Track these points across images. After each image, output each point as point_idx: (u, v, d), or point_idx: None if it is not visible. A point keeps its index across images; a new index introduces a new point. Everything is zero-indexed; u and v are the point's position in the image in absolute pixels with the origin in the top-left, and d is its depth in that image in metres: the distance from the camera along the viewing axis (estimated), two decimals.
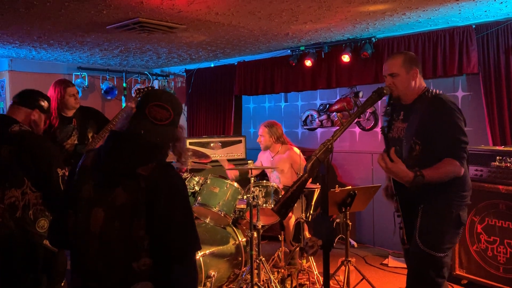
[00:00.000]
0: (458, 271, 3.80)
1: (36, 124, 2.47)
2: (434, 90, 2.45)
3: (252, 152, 5.48)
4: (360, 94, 5.16)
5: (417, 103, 2.44)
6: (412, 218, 2.40)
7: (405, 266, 4.28)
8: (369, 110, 5.19)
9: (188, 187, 3.81)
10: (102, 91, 6.39)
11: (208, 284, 3.50)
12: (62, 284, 2.44)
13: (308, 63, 5.02)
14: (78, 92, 3.75)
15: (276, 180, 4.44)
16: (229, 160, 5.46)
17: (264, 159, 4.64)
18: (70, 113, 3.66)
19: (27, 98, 2.49)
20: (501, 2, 3.46)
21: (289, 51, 5.30)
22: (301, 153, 4.42)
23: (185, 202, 1.61)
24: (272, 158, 4.50)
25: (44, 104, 2.52)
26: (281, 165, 4.38)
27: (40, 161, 2.31)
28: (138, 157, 1.58)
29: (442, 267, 2.30)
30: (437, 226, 2.31)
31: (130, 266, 1.53)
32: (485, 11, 3.73)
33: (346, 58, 4.75)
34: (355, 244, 5.25)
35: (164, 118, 1.63)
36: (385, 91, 2.39)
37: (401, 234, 2.50)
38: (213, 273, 3.51)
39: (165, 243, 1.54)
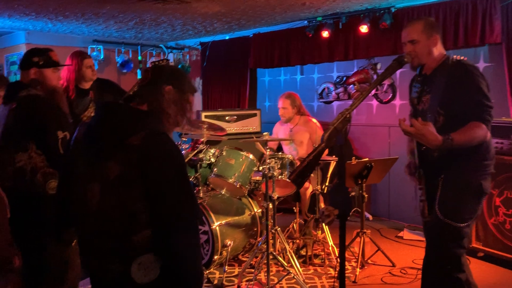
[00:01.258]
0: (474, 244, 3.79)
1: (39, 82, 2.45)
2: (454, 57, 2.37)
3: (267, 126, 5.46)
4: (378, 66, 5.06)
5: (437, 72, 2.37)
6: (434, 189, 2.36)
7: (420, 238, 4.30)
8: (386, 82, 5.10)
9: (204, 158, 3.84)
10: (118, 64, 6.39)
11: (224, 253, 3.57)
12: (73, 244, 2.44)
13: (325, 34, 4.93)
14: (94, 64, 3.75)
15: (294, 152, 4.43)
16: (244, 133, 5.48)
17: (281, 132, 4.61)
18: (87, 85, 3.66)
19: (22, 61, 2.51)
20: None
21: (306, 22, 5.20)
22: (320, 125, 4.41)
23: (180, 169, 1.56)
24: (290, 130, 4.46)
25: (39, 59, 2.48)
26: (299, 136, 4.36)
27: (39, 124, 2.34)
28: (126, 125, 1.55)
29: (462, 237, 2.26)
30: (457, 195, 2.27)
31: (130, 240, 1.50)
32: None
33: (364, 28, 4.64)
34: (370, 217, 5.26)
35: (144, 78, 1.66)
36: (405, 59, 2.32)
37: (422, 206, 2.45)
38: (229, 242, 3.57)
39: (163, 211, 1.50)
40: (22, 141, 2.34)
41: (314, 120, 4.45)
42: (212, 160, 3.84)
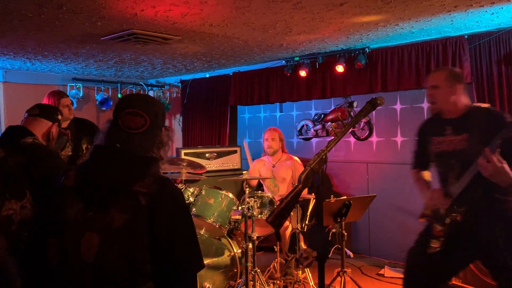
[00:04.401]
0: None
1: (53, 137, 2.43)
2: (480, 104, 2.60)
3: (247, 162, 5.47)
4: (355, 104, 5.18)
5: (469, 116, 2.49)
6: (486, 238, 2.42)
7: (401, 276, 4.26)
8: (363, 120, 5.20)
9: None
10: (97, 102, 6.37)
11: None
12: None
13: (303, 73, 5.05)
14: (72, 103, 3.74)
15: (275, 189, 4.42)
16: (224, 171, 5.46)
17: (263, 168, 4.60)
18: (64, 125, 3.63)
19: (48, 111, 2.47)
20: (492, 13, 3.49)
21: (283, 61, 5.32)
22: (301, 162, 4.45)
23: (187, 217, 1.52)
24: (273, 166, 4.46)
25: (60, 119, 2.51)
26: (282, 173, 4.38)
27: (47, 176, 2.16)
28: (131, 171, 1.47)
29: None
30: None
31: None
32: (477, 22, 3.77)
33: (340, 68, 4.77)
34: (351, 254, 5.23)
35: (139, 125, 1.50)
36: (378, 102, 2.38)
37: (436, 240, 2.49)
38: (208, 285, 3.48)
39: (170, 263, 1.43)
40: (20, 189, 2.18)
41: (296, 158, 4.49)
42: (191, 199, 3.79)
